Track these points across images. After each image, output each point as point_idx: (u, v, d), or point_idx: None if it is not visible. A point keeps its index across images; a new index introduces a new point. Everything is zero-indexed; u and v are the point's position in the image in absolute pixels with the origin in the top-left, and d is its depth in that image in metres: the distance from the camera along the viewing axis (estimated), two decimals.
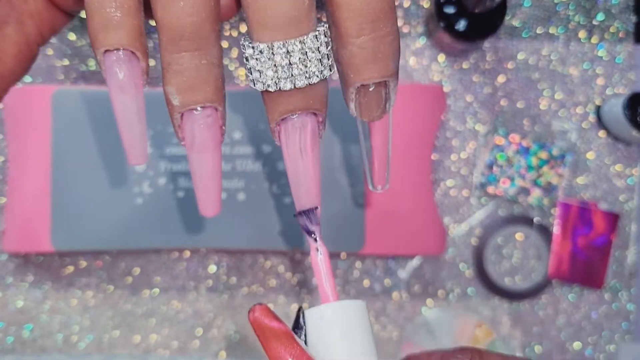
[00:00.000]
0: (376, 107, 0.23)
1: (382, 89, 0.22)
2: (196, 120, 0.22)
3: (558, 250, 0.46)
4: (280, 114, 0.22)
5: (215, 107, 0.22)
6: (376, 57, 0.21)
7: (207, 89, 0.21)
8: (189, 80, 0.21)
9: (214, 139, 0.22)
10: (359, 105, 0.23)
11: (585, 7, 0.48)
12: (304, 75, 0.21)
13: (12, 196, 0.44)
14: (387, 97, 0.23)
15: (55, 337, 0.46)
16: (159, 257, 0.46)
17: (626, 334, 0.46)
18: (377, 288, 0.46)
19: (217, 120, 0.22)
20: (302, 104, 0.22)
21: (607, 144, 0.47)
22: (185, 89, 0.21)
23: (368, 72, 0.22)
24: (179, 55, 0.21)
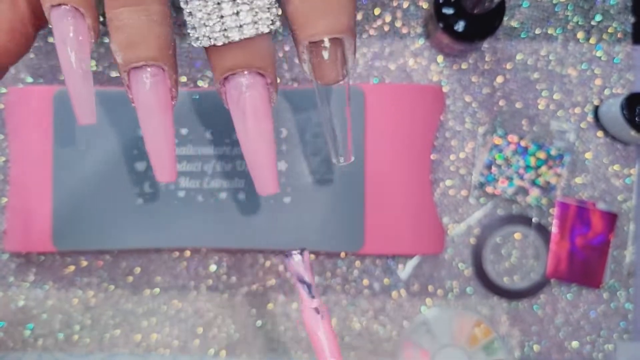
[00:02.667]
0: (332, 68, 0.21)
1: (336, 48, 0.21)
2: (140, 79, 0.21)
3: (556, 249, 0.46)
4: (220, 71, 0.21)
5: (161, 66, 0.21)
6: (321, 10, 0.20)
7: (149, 46, 0.20)
8: (129, 37, 0.20)
9: (161, 100, 0.21)
10: (312, 67, 0.21)
11: (584, 8, 0.48)
12: (237, 27, 0.20)
13: (13, 196, 0.44)
14: (343, 58, 0.21)
15: (56, 336, 0.46)
16: (159, 256, 0.47)
17: (624, 333, 0.47)
18: (376, 287, 0.47)
19: (164, 80, 0.21)
20: (241, 61, 0.20)
21: (605, 144, 0.47)
22: (126, 45, 0.20)
23: (313, 27, 0.20)
24: (118, 10, 0.20)
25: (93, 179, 0.43)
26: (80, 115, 0.22)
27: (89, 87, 0.22)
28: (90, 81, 0.22)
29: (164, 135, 0.22)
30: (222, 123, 0.43)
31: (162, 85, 0.21)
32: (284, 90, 0.43)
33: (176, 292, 0.47)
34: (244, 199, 0.43)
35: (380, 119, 0.43)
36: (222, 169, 0.43)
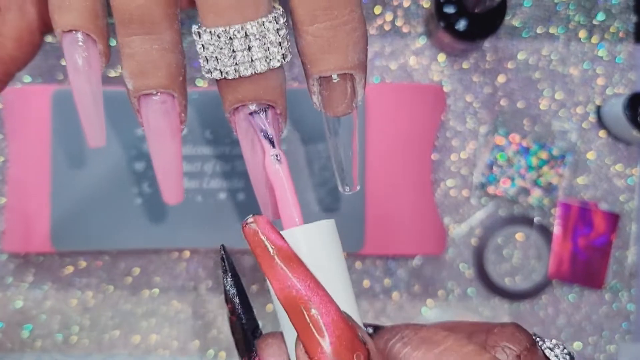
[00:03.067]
0: (339, 102, 0.21)
1: (346, 83, 0.21)
2: (150, 105, 0.21)
3: (558, 250, 0.46)
4: (230, 103, 0.21)
5: (171, 93, 0.21)
6: (332, 47, 0.20)
7: (159, 74, 0.21)
8: (140, 65, 0.21)
9: (171, 125, 0.22)
10: (322, 99, 0.22)
11: (586, 7, 0.48)
12: (249, 62, 0.20)
13: (12, 196, 0.44)
14: (353, 92, 0.21)
15: (55, 337, 0.46)
16: (158, 257, 0.46)
17: (626, 334, 0.46)
18: (377, 288, 0.46)
19: (174, 107, 0.22)
20: (251, 94, 0.21)
21: (607, 144, 0.47)
22: (137, 73, 0.21)
23: (324, 63, 0.20)
24: (129, 38, 0.20)
25: (92, 179, 0.42)
26: (90, 139, 0.22)
27: (99, 111, 0.22)
28: (101, 105, 0.22)
29: (173, 158, 0.22)
30: (221, 123, 0.43)
31: (171, 112, 0.22)
32: None
33: (175, 293, 0.46)
34: (244, 199, 0.43)
35: (381, 118, 0.43)
36: (221, 169, 0.43)
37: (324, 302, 0.18)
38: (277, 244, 0.19)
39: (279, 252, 0.19)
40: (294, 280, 0.18)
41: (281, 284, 0.18)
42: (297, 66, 0.47)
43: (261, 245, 0.19)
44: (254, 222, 0.19)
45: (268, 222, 0.20)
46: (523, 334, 0.19)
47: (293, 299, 0.18)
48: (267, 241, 0.19)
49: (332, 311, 0.18)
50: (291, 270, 0.19)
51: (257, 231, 0.19)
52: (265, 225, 0.19)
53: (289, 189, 0.21)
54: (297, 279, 0.18)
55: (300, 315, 0.18)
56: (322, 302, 0.18)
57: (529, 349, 0.19)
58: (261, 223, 0.19)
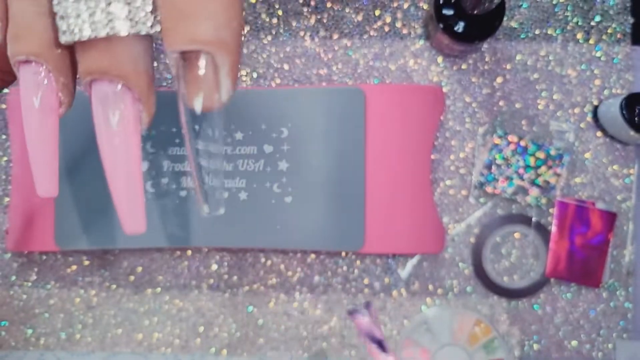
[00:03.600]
0: (196, 90, 0.17)
1: (209, 67, 0.17)
2: (22, 74, 0.19)
3: (556, 249, 0.46)
4: (82, 73, 0.18)
5: (42, 63, 0.18)
6: (184, 14, 0.16)
7: (31, 39, 0.18)
8: (16, 27, 0.18)
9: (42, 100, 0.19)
10: (183, 85, 0.17)
11: (583, 9, 0.48)
12: (107, 22, 0.17)
13: (15, 195, 0.44)
14: (216, 81, 0.17)
15: (58, 335, 0.47)
16: (161, 256, 0.47)
17: (624, 332, 0.47)
18: (377, 286, 0.47)
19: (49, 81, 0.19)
20: (99, 64, 0.17)
21: (604, 144, 0.48)
22: (12, 36, 0.18)
23: (174, 34, 0.17)
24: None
25: (95, 179, 0.43)
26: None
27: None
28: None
29: (43, 140, 0.19)
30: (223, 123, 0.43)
31: (42, 85, 0.19)
32: (285, 89, 0.44)
33: (177, 292, 0.47)
34: (246, 198, 0.43)
35: (381, 119, 0.44)
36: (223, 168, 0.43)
37: None
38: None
39: None
40: None
41: None
42: (297, 67, 0.47)
43: None
44: None
45: None
46: None
47: None
48: None
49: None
50: None
51: None
52: None
53: None
54: None
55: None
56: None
57: None
58: None
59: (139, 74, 0.18)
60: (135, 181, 0.19)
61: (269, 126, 0.43)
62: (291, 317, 0.47)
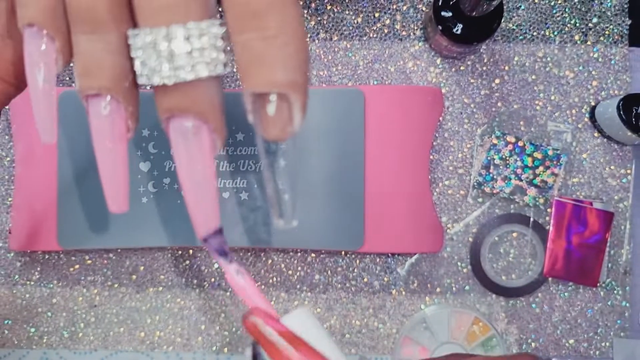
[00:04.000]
0: (273, 125, 0.19)
1: (283, 104, 0.19)
2: (93, 107, 0.20)
3: (553, 248, 0.47)
4: (163, 111, 0.20)
5: (114, 96, 0.20)
6: (262, 61, 0.18)
7: (102, 76, 0.20)
8: (84, 65, 0.20)
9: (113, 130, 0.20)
10: (259, 119, 0.20)
11: (581, 10, 0.49)
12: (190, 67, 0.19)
13: (19, 196, 0.45)
14: (289, 116, 0.19)
15: (61, 333, 0.47)
16: (163, 255, 0.47)
17: (621, 330, 0.47)
18: (376, 285, 0.47)
19: (119, 112, 0.20)
20: (185, 103, 0.19)
21: (601, 144, 0.48)
22: (81, 73, 0.20)
23: (253, 78, 0.19)
24: (76, 37, 0.20)
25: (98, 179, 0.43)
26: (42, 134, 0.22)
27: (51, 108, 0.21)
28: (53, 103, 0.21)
29: (115, 165, 0.21)
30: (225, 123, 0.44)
31: (114, 116, 0.20)
32: None
33: (179, 290, 0.47)
34: (247, 198, 0.43)
35: (380, 119, 0.44)
36: (224, 168, 0.44)
37: None
38: (279, 330, 0.20)
39: (284, 336, 0.20)
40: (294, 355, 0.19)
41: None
42: None
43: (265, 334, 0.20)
44: (253, 316, 0.20)
45: (264, 312, 0.20)
46: None
47: None
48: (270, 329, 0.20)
49: None
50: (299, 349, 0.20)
51: (258, 323, 0.20)
52: (263, 315, 0.20)
53: (257, 296, 0.22)
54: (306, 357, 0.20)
55: None
56: None
57: None
58: (259, 315, 0.20)
59: (215, 109, 0.20)
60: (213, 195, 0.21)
61: None
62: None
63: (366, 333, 0.47)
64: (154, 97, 0.20)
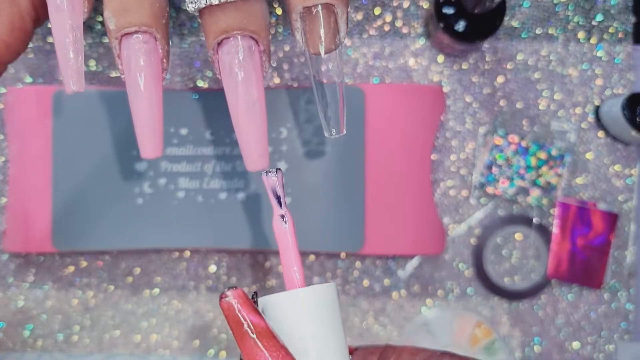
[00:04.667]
0: (324, 37, 0.21)
1: (329, 16, 0.20)
2: (132, 44, 0.21)
3: (557, 250, 0.46)
4: (214, 34, 0.20)
5: (152, 33, 0.21)
6: None
7: (142, 12, 0.20)
8: (123, 2, 0.20)
9: (152, 68, 0.21)
10: (305, 34, 0.21)
11: (585, 8, 0.48)
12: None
13: (13, 196, 0.44)
14: (335, 27, 0.21)
15: (55, 336, 0.46)
16: (159, 257, 0.47)
17: (625, 333, 0.47)
18: (376, 288, 0.47)
19: (156, 49, 0.21)
20: (236, 22, 0.20)
21: (605, 144, 0.47)
22: (120, 10, 0.20)
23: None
24: None
25: (93, 179, 0.43)
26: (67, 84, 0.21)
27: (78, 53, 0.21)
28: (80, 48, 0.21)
29: (153, 106, 0.21)
30: (222, 123, 0.43)
31: (154, 53, 0.21)
32: (284, 89, 0.43)
33: (176, 293, 0.47)
34: (244, 199, 0.43)
35: (381, 119, 0.43)
36: (222, 169, 0.43)
37: None
38: (252, 320, 0.20)
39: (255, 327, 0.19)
40: (265, 353, 0.19)
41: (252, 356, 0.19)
42: (296, 66, 0.47)
43: (237, 320, 0.20)
44: (232, 297, 0.20)
45: (244, 298, 0.20)
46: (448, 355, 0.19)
47: None
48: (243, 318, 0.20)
49: None
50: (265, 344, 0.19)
51: (234, 306, 0.20)
52: (241, 301, 0.20)
53: (294, 250, 0.21)
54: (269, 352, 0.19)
55: None
56: None
57: None
58: (237, 298, 0.20)
59: (265, 30, 0.21)
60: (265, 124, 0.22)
61: (268, 126, 0.43)
62: None
63: (366, 337, 0.46)
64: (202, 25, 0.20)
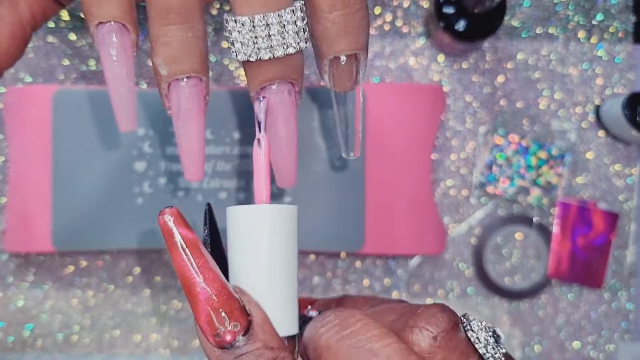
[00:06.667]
0: (347, 79, 0.25)
1: (352, 62, 0.24)
2: (182, 89, 0.24)
3: (557, 249, 0.46)
4: (260, 82, 0.24)
5: (200, 77, 0.24)
6: (347, 30, 0.23)
7: (193, 60, 0.23)
8: (176, 52, 0.23)
9: (199, 107, 0.24)
10: (332, 77, 0.25)
11: (585, 7, 0.48)
12: (282, 46, 0.23)
13: (12, 196, 0.44)
14: (357, 70, 0.25)
15: (55, 336, 0.46)
16: (159, 256, 0.47)
17: (625, 333, 0.47)
18: (377, 287, 0.47)
19: (202, 90, 0.24)
20: (280, 73, 0.24)
21: (606, 143, 0.47)
22: (173, 59, 0.23)
23: (339, 44, 0.24)
24: (166, 28, 0.22)
25: (93, 179, 0.43)
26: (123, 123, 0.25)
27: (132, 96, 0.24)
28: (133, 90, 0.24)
29: (199, 137, 0.25)
30: (222, 123, 0.43)
31: (200, 94, 0.24)
32: None
33: (176, 292, 0.46)
34: (244, 198, 0.43)
35: (381, 118, 0.43)
36: (222, 168, 0.43)
37: (209, 280, 0.21)
38: (185, 235, 0.21)
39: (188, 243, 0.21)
40: (189, 263, 0.21)
41: (178, 264, 0.21)
42: None
43: (169, 233, 0.21)
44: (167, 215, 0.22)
45: (177, 214, 0.22)
46: (445, 316, 0.20)
47: (186, 277, 0.21)
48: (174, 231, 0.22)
49: (215, 286, 0.21)
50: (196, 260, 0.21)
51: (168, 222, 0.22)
52: (175, 217, 0.22)
53: (264, 171, 0.24)
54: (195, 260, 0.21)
55: (189, 289, 0.21)
56: (207, 280, 0.21)
57: (448, 330, 0.20)
58: (173, 214, 0.22)
59: (301, 76, 0.24)
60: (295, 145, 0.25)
61: None
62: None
63: None
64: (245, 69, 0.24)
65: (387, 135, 0.43)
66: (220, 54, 0.47)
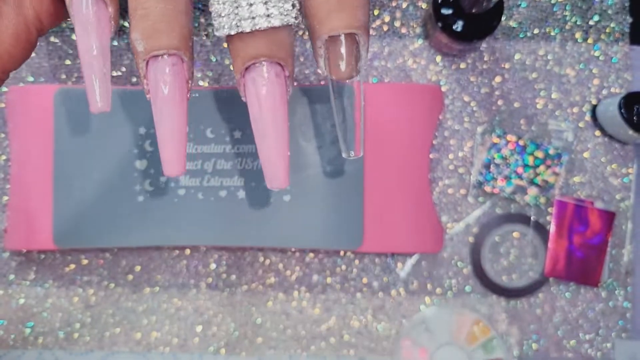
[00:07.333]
0: (345, 64, 0.22)
1: (351, 44, 0.21)
2: (160, 67, 0.21)
3: (554, 248, 0.46)
4: (243, 60, 0.21)
5: (181, 55, 0.21)
6: (341, 5, 0.21)
7: (172, 35, 0.21)
8: (154, 25, 0.20)
9: (179, 89, 0.21)
10: (328, 61, 0.22)
11: (582, 8, 0.48)
12: (265, 16, 0.20)
13: (14, 195, 0.44)
14: (357, 55, 0.22)
15: (56, 334, 0.47)
16: (159, 254, 0.47)
17: (622, 331, 0.47)
18: (375, 285, 0.47)
19: (183, 71, 0.21)
20: (265, 50, 0.21)
21: (603, 143, 0.48)
22: (150, 33, 0.20)
23: (332, 21, 0.21)
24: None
25: (94, 178, 0.43)
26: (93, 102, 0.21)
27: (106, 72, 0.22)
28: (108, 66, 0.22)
29: (178, 125, 0.22)
30: (222, 121, 0.43)
31: (180, 76, 0.21)
32: None
33: (176, 290, 0.47)
34: (244, 197, 0.43)
35: (380, 118, 0.44)
36: (222, 167, 0.43)
37: None
38: None
39: None
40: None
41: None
42: (296, 65, 0.47)
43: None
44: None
45: None
46: None
47: None
48: None
49: None
50: None
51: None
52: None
53: None
54: None
55: None
56: None
57: None
58: None
59: (291, 56, 0.21)
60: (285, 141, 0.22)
61: None
62: (290, 317, 0.47)
63: (365, 334, 0.47)
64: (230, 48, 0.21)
65: (385, 134, 0.44)
66: (221, 54, 0.48)
